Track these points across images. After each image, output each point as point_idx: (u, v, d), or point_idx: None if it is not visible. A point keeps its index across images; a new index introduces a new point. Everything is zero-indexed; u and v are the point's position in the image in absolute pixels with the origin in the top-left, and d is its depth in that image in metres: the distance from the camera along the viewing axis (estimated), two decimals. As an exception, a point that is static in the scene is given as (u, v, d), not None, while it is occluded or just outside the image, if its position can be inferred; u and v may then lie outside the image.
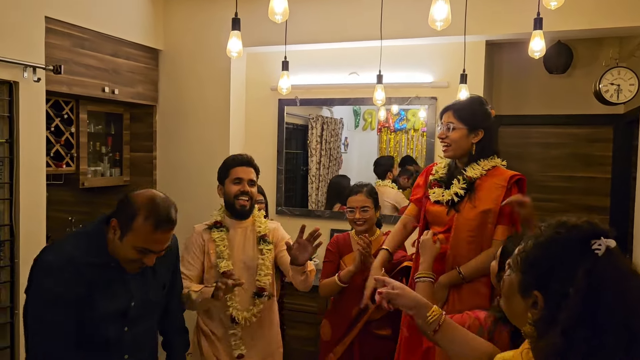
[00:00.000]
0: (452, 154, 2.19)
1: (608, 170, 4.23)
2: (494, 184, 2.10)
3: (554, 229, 1.04)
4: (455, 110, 2.17)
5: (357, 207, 2.62)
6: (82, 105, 3.53)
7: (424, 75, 3.65)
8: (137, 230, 1.58)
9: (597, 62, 4.00)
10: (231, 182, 2.35)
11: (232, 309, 2.31)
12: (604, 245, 0.96)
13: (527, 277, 1.04)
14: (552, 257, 1.01)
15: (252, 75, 4.04)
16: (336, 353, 2.62)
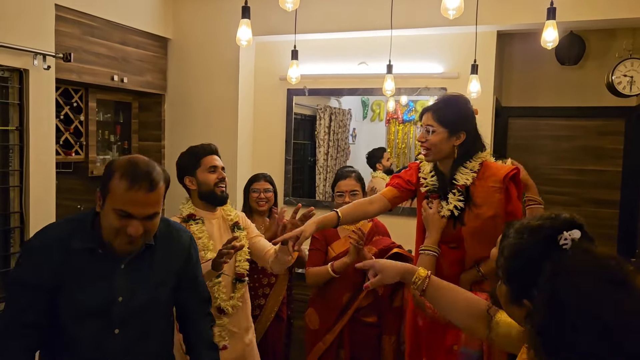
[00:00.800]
0: (432, 157, 2.06)
1: (619, 164, 4.19)
2: (490, 188, 1.98)
3: (517, 236, 1.06)
4: (435, 111, 2.02)
5: (347, 192, 2.63)
6: (92, 94, 3.53)
7: (434, 65, 3.62)
8: (113, 191, 1.45)
9: (609, 54, 3.95)
10: (206, 170, 2.33)
11: (219, 300, 2.29)
12: (570, 239, 0.97)
13: (513, 288, 1.06)
14: (524, 263, 1.02)
15: (260, 65, 4.03)
16: (326, 342, 2.62)
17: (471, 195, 1.99)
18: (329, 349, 2.62)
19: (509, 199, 1.98)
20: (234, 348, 2.38)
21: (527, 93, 4.31)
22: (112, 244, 1.50)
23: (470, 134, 2.02)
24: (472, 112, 2.07)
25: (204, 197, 2.35)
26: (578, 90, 4.13)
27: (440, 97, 2.13)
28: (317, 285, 2.69)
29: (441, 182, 2.08)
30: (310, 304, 2.74)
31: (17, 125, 2.69)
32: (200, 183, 2.33)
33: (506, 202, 1.98)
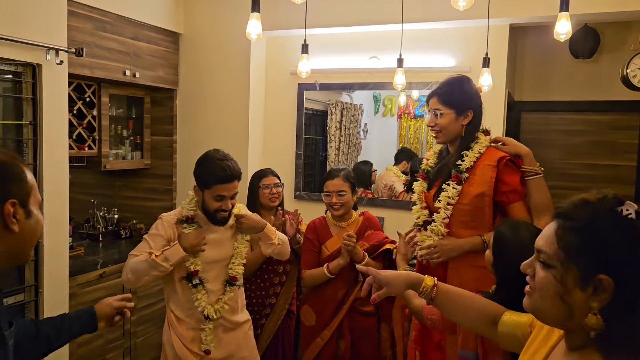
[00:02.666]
0: (443, 139, 2.14)
1: (634, 159, 4.13)
2: (485, 166, 2.04)
3: (584, 207, 0.99)
4: (440, 95, 2.10)
5: (334, 192, 2.65)
6: (104, 89, 3.56)
7: (446, 59, 3.59)
8: None
9: (624, 47, 3.89)
10: (212, 197, 2.22)
11: (201, 307, 2.27)
12: (632, 209, 0.95)
13: (584, 266, 0.96)
14: (602, 235, 0.96)
15: (271, 60, 4.03)
16: (324, 337, 2.64)
17: (466, 175, 2.05)
18: (328, 343, 2.64)
19: (503, 181, 2.02)
20: (227, 341, 2.39)
21: (540, 87, 4.26)
22: None
23: (476, 111, 2.09)
24: (476, 91, 2.14)
25: (203, 212, 2.32)
26: (592, 84, 4.08)
27: (443, 81, 2.17)
28: (313, 286, 2.72)
29: (440, 161, 2.17)
30: (305, 301, 2.76)
31: (31, 120, 2.72)
32: (204, 202, 2.27)
33: (500, 184, 2.02)
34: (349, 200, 2.67)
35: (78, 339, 3.09)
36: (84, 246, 3.62)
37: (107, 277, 3.29)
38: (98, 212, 3.95)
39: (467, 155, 2.06)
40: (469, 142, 2.09)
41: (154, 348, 3.73)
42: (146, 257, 2.17)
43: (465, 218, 2.06)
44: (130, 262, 2.22)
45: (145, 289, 3.63)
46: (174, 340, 2.32)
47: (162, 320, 3.76)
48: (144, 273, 2.18)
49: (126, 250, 3.67)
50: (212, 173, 2.19)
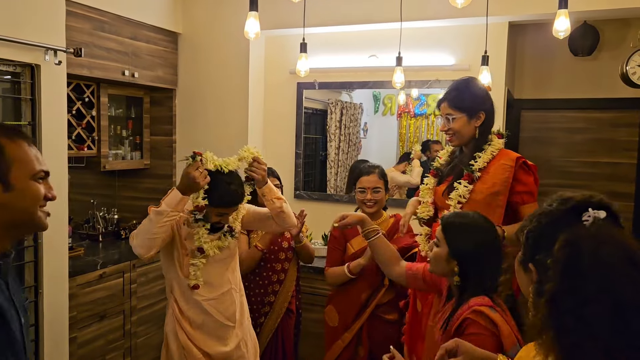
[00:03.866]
0: (458, 142, 2.18)
1: (634, 156, 4.12)
2: (501, 165, 2.07)
3: (549, 203, 1.06)
4: (450, 100, 2.13)
5: (369, 188, 2.60)
6: (103, 89, 3.56)
7: (445, 57, 3.59)
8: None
9: (624, 44, 3.88)
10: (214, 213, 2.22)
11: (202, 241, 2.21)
12: (592, 216, 0.97)
13: (524, 251, 1.07)
14: (541, 229, 1.03)
15: (270, 59, 4.03)
16: (344, 340, 2.62)
17: (479, 175, 2.07)
18: (348, 347, 2.61)
19: (519, 180, 2.05)
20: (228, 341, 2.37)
21: (540, 85, 4.26)
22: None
23: (488, 112, 2.12)
24: (485, 91, 2.16)
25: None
26: (591, 81, 4.07)
27: (451, 85, 2.19)
28: (336, 285, 2.69)
29: (453, 159, 2.19)
30: (330, 301, 2.74)
31: (30, 120, 2.71)
32: (206, 213, 2.23)
33: (515, 183, 2.05)
34: (382, 198, 2.63)
35: (78, 339, 3.09)
36: (84, 247, 3.62)
37: (107, 278, 3.29)
38: (98, 213, 3.94)
39: (479, 156, 2.09)
40: (482, 143, 2.13)
41: (154, 348, 3.73)
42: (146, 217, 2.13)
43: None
44: (134, 232, 2.19)
45: (145, 289, 3.63)
46: (178, 330, 2.31)
47: (163, 320, 3.79)
48: (149, 230, 2.11)
49: (126, 251, 3.67)
50: (219, 197, 2.19)
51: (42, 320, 2.76)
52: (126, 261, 3.45)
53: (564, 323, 0.90)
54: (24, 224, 1.25)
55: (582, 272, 0.90)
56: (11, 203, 1.19)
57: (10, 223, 1.21)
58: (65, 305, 2.91)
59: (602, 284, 0.88)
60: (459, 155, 2.22)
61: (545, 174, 2.15)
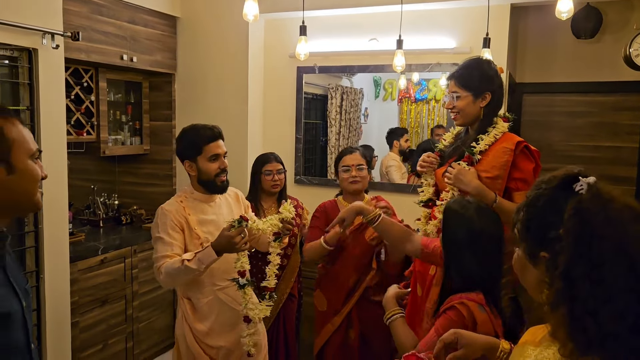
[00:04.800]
0: (461, 121, 2.15)
1: (636, 140, 4.10)
2: (502, 149, 2.03)
3: (534, 189, 1.03)
4: (457, 77, 2.11)
5: (353, 165, 2.60)
6: (102, 74, 3.54)
7: (446, 41, 3.55)
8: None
9: (627, 27, 3.84)
10: (207, 159, 2.21)
11: (246, 311, 2.18)
12: (585, 184, 0.95)
13: (530, 243, 1.02)
14: (541, 212, 1.00)
15: (270, 43, 3.99)
16: (334, 323, 2.62)
17: (479, 157, 2.04)
18: (338, 330, 2.61)
19: (517, 166, 2.02)
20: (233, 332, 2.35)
21: (542, 68, 4.22)
22: None
23: (495, 93, 2.08)
24: (496, 72, 2.12)
25: (202, 184, 2.27)
26: (594, 64, 4.04)
27: (462, 63, 2.16)
28: (314, 260, 2.66)
29: (457, 141, 2.17)
30: (317, 286, 2.73)
31: (28, 105, 2.70)
32: (200, 171, 2.23)
33: (513, 169, 2.02)
34: (366, 176, 2.64)
35: (80, 324, 3.11)
36: (85, 232, 3.63)
37: (108, 263, 3.29)
38: (98, 198, 3.94)
39: (482, 139, 2.06)
40: (486, 125, 2.09)
41: (156, 333, 3.75)
42: (179, 263, 2.08)
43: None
44: (165, 267, 2.12)
45: (146, 274, 3.64)
46: (187, 334, 2.27)
47: (165, 305, 3.82)
48: (180, 278, 2.13)
49: (127, 237, 3.68)
50: (198, 136, 2.21)
51: (44, 305, 2.77)
52: (127, 246, 3.46)
53: (580, 290, 0.88)
54: (22, 205, 1.24)
55: (595, 234, 0.89)
56: (14, 185, 1.18)
57: (9, 204, 1.20)
58: (66, 290, 2.92)
59: (616, 242, 0.88)
60: (463, 136, 2.20)
61: (547, 158, 2.13)
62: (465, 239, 1.61)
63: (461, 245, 1.62)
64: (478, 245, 1.60)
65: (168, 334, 3.89)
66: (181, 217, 2.21)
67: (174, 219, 2.19)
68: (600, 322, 0.86)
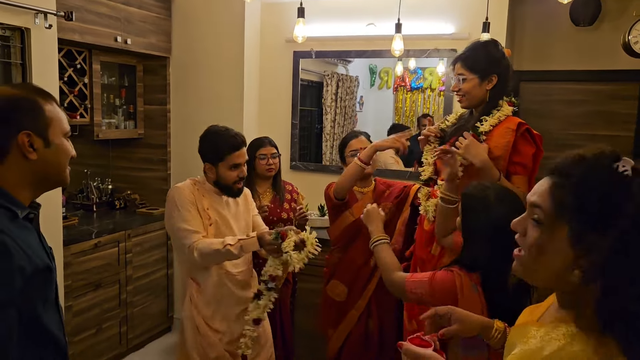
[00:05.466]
0: (467, 104, 2.14)
1: (631, 129, 4.09)
2: (504, 129, 2.03)
3: (579, 164, 0.95)
4: (464, 60, 2.09)
5: (361, 149, 2.58)
6: (95, 56, 3.49)
7: (444, 26, 3.52)
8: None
9: (626, 14, 3.81)
10: (228, 167, 2.23)
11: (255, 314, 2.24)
12: (629, 165, 0.92)
13: (576, 224, 0.93)
14: (593, 191, 0.92)
15: (266, 27, 3.95)
16: (358, 308, 2.59)
17: (484, 138, 2.04)
18: (359, 322, 2.58)
19: (517, 150, 2.01)
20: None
21: (540, 56, 4.19)
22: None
23: (501, 76, 2.07)
24: (503, 54, 2.10)
25: (218, 186, 2.30)
26: (592, 52, 4.01)
27: (469, 45, 2.15)
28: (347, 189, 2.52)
29: (460, 127, 2.14)
30: (331, 276, 2.69)
31: (20, 86, 2.66)
32: (219, 177, 2.26)
33: (513, 152, 2.01)
34: (376, 160, 2.60)
35: (74, 308, 3.09)
36: (78, 216, 3.60)
37: (102, 247, 3.27)
38: (92, 183, 3.91)
39: (486, 119, 2.05)
40: (491, 107, 2.08)
41: (150, 318, 3.74)
42: (219, 245, 2.12)
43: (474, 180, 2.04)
44: (200, 246, 2.13)
45: (140, 259, 3.62)
46: (195, 316, 2.28)
47: (159, 290, 3.81)
48: (216, 260, 2.19)
49: (121, 221, 3.65)
50: (223, 144, 2.22)
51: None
52: (121, 231, 3.43)
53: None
54: (53, 179, 1.35)
55: None
56: (49, 158, 1.30)
57: (43, 177, 1.31)
58: (60, 274, 2.90)
59: None
60: (467, 117, 2.19)
61: (544, 146, 2.10)
62: (483, 228, 1.59)
63: (478, 232, 1.61)
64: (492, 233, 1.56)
65: (162, 319, 3.88)
66: (194, 197, 2.24)
67: (188, 197, 2.22)
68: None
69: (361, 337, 2.61)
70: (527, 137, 2.04)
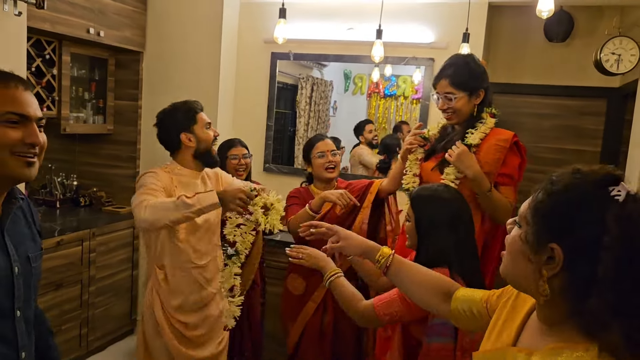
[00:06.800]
0: (457, 120, 2.12)
1: (598, 144, 4.21)
2: (494, 145, 2.05)
3: (569, 175, 0.94)
4: (451, 77, 2.06)
5: (328, 151, 2.57)
6: (65, 47, 3.37)
7: (423, 35, 3.53)
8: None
9: (596, 32, 3.93)
10: (204, 127, 2.25)
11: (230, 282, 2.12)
12: (624, 191, 0.87)
13: (541, 230, 0.93)
14: (570, 204, 0.90)
15: (245, 26, 3.89)
16: (315, 299, 2.57)
17: (474, 150, 2.04)
18: (315, 314, 2.57)
19: (505, 162, 2.04)
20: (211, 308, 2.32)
21: (513, 69, 4.27)
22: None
23: (487, 90, 2.10)
24: (483, 68, 2.12)
25: (199, 157, 2.23)
26: (563, 68, 4.11)
27: (449, 61, 2.13)
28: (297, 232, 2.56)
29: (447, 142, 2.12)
30: (292, 270, 2.67)
31: (-15, 74, 2.53)
32: (199, 140, 2.21)
33: (502, 164, 2.04)
34: (339, 163, 2.61)
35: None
36: (40, 212, 3.45)
37: (64, 245, 3.15)
38: (56, 178, 3.77)
39: (472, 133, 2.05)
40: (475, 120, 2.09)
41: (112, 319, 3.62)
42: (173, 199, 1.98)
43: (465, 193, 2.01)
44: (148, 200, 1.97)
45: (105, 259, 3.51)
46: (155, 305, 2.22)
47: (123, 291, 3.69)
48: (167, 213, 1.94)
49: (86, 219, 3.53)
50: (189, 107, 2.24)
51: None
52: (85, 229, 3.32)
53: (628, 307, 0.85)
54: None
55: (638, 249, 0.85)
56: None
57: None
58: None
59: None
60: (452, 132, 2.17)
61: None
62: (444, 219, 1.66)
63: (439, 225, 1.65)
64: (455, 224, 1.66)
65: (125, 321, 3.76)
66: (166, 184, 2.14)
67: (160, 180, 2.12)
68: None
69: (317, 329, 2.59)
70: (515, 149, 2.07)
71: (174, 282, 2.22)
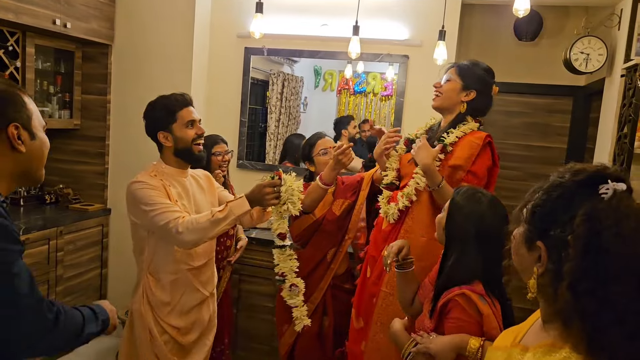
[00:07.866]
0: (439, 103, 2.21)
1: (564, 141, 4.32)
2: (469, 142, 2.12)
3: (557, 174, 0.96)
4: (459, 66, 2.22)
5: (330, 148, 2.61)
6: (29, 38, 3.23)
7: (397, 32, 3.55)
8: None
9: (564, 32, 4.03)
10: (183, 125, 2.09)
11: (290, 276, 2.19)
12: (612, 189, 0.87)
13: (530, 228, 0.96)
14: (552, 203, 0.92)
15: (217, 21, 3.82)
16: (314, 300, 2.59)
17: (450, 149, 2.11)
18: (314, 316, 2.55)
19: (475, 160, 2.09)
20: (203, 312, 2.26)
21: (483, 67, 4.33)
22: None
23: (480, 95, 2.16)
24: (491, 84, 2.21)
25: (179, 155, 2.13)
26: (531, 66, 4.20)
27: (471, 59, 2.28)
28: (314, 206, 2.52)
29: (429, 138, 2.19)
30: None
31: (-55, 65, 2.41)
32: (176, 139, 2.10)
33: (472, 162, 2.09)
34: None
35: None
36: (4, 210, 3.32)
37: (30, 245, 3.04)
38: (19, 175, 3.62)
39: (452, 132, 2.13)
40: (459, 121, 2.16)
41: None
42: (207, 216, 1.93)
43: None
44: (184, 223, 1.93)
45: (72, 258, 3.40)
46: (144, 310, 2.11)
47: (91, 291, 3.59)
48: (206, 232, 1.93)
49: (52, 217, 3.41)
50: (171, 102, 2.12)
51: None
52: (52, 227, 3.21)
53: (586, 306, 0.84)
54: (33, 173, 1.33)
55: (603, 249, 0.84)
56: (35, 151, 1.30)
57: (26, 170, 1.30)
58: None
59: (624, 261, 0.83)
60: (436, 129, 2.25)
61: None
62: (475, 233, 1.56)
63: (469, 239, 1.57)
64: (486, 240, 1.55)
65: (94, 322, 3.66)
66: (161, 189, 2.05)
67: (154, 188, 2.02)
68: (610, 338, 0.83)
69: (316, 331, 2.59)
70: (487, 150, 2.13)
71: (167, 285, 2.13)
